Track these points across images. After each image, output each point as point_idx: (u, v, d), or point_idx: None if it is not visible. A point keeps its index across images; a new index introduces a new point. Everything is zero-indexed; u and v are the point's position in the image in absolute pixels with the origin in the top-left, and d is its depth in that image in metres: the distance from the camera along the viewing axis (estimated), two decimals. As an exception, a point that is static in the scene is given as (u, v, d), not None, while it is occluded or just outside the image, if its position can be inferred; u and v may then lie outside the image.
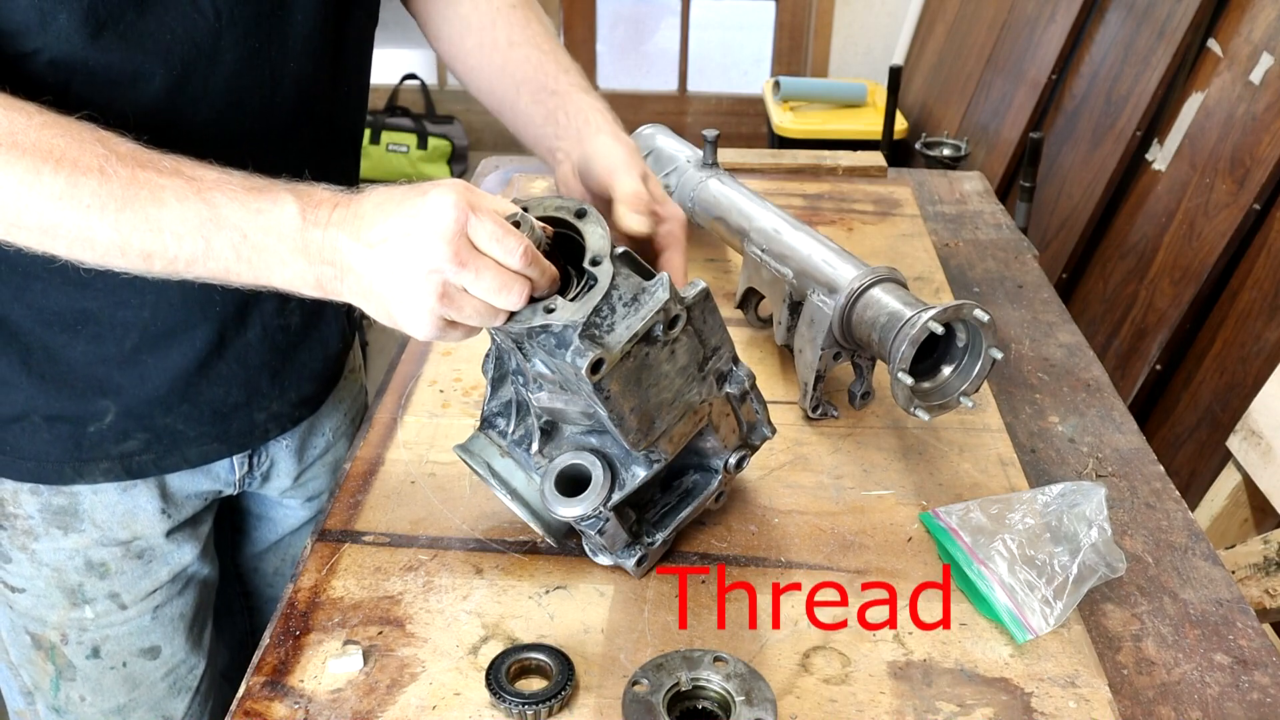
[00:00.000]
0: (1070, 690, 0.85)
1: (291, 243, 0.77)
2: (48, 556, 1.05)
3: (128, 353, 0.98)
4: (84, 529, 1.05)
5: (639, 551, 0.94)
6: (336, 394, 1.22)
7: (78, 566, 1.06)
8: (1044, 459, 1.18)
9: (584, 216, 0.83)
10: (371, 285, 0.78)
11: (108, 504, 1.05)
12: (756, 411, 0.98)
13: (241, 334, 1.03)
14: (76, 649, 1.09)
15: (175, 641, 1.14)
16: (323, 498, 1.24)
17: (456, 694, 0.84)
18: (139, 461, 1.04)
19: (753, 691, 0.82)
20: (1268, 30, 2.19)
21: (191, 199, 0.76)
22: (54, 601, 1.07)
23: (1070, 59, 2.87)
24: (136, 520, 1.06)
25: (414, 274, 0.76)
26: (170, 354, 1.00)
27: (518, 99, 1.11)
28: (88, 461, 1.01)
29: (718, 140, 1.42)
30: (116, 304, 0.95)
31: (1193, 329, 2.22)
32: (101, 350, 0.97)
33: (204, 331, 1.00)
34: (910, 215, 1.67)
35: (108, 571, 1.07)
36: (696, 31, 4.57)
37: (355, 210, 0.78)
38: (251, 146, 0.89)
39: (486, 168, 1.83)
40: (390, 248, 0.76)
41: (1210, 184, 2.22)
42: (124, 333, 0.97)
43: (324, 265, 0.78)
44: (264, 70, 0.92)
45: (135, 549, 1.08)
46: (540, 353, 0.83)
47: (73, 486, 1.03)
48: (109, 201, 0.75)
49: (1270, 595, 1.49)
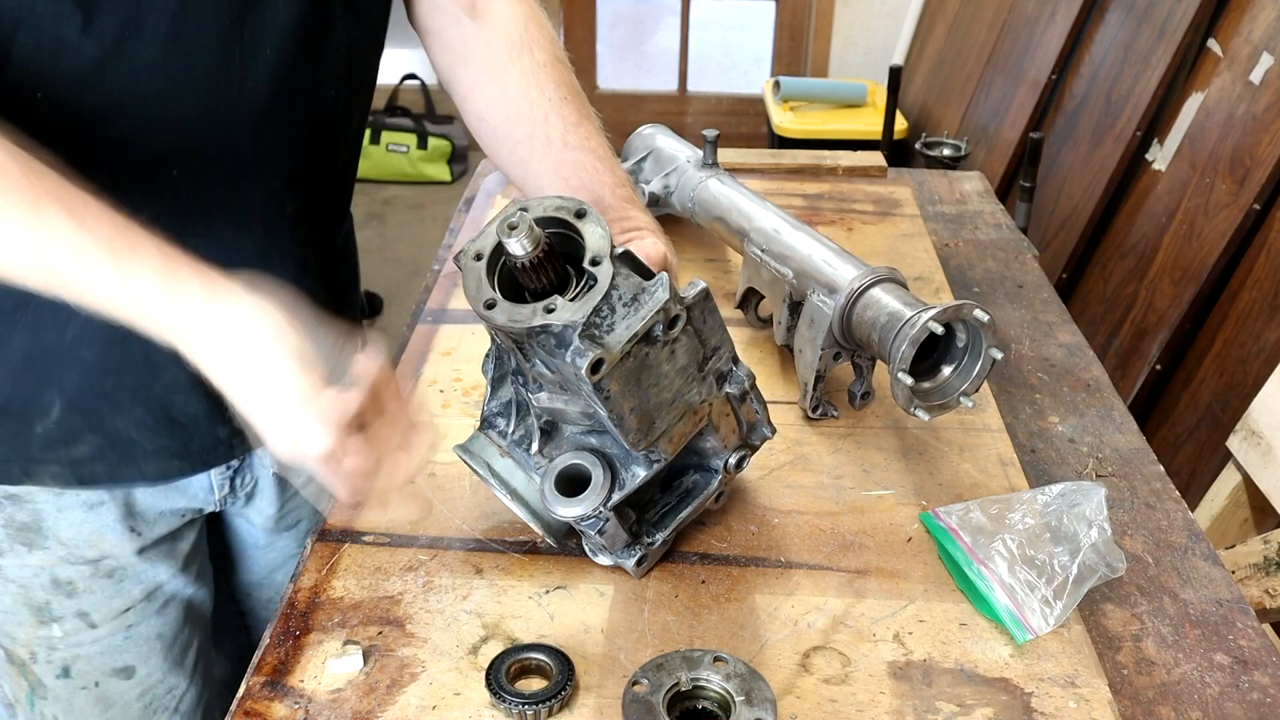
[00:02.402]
0: (1070, 690, 0.85)
1: (154, 317, 0.75)
2: (13, 573, 1.02)
3: (68, 344, 0.94)
4: (48, 546, 1.02)
5: (639, 551, 0.94)
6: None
7: (44, 584, 1.03)
8: (1044, 459, 1.18)
9: (584, 216, 0.83)
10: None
11: (73, 522, 1.02)
12: (756, 411, 0.98)
13: None
14: (46, 668, 1.07)
15: (151, 661, 1.11)
16: (304, 526, 1.21)
17: (456, 694, 0.84)
18: (91, 470, 1.00)
19: (753, 691, 0.82)
20: (1268, 30, 2.19)
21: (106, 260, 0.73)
22: (21, 619, 1.05)
23: (1070, 59, 2.87)
24: (104, 539, 1.03)
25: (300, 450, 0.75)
26: (113, 348, 0.95)
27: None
28: (37, 463, 0.98)
29: (718, 140, 1.42)
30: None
31: (1193, 329, 2.22)
32: (41, 340, 0.93)
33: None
34: (910, 215, 1.67)
35: (75, 590, 1.04)
36: (696, 31, 4.57)
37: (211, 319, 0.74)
38: (218, 131, 0.86)
39: (486, 167, 1.83)
40: (268, 418, 0.75)
41: (1210, 184, 2.22)
42: (65, 320, 0.92)
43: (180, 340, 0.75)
44: (234, 53, 0.88)
45: (104, 568, 1.05)
46: (540, 353, 0.83)
47: (35, 502, 1.00)
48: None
49: (1270, 595, 1.49)
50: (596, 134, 1.06)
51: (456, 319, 1.37)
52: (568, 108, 1.06)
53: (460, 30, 1.08)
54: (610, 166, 1.04)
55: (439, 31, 1.10)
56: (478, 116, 1.09)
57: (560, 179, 1.03)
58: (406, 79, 4.46)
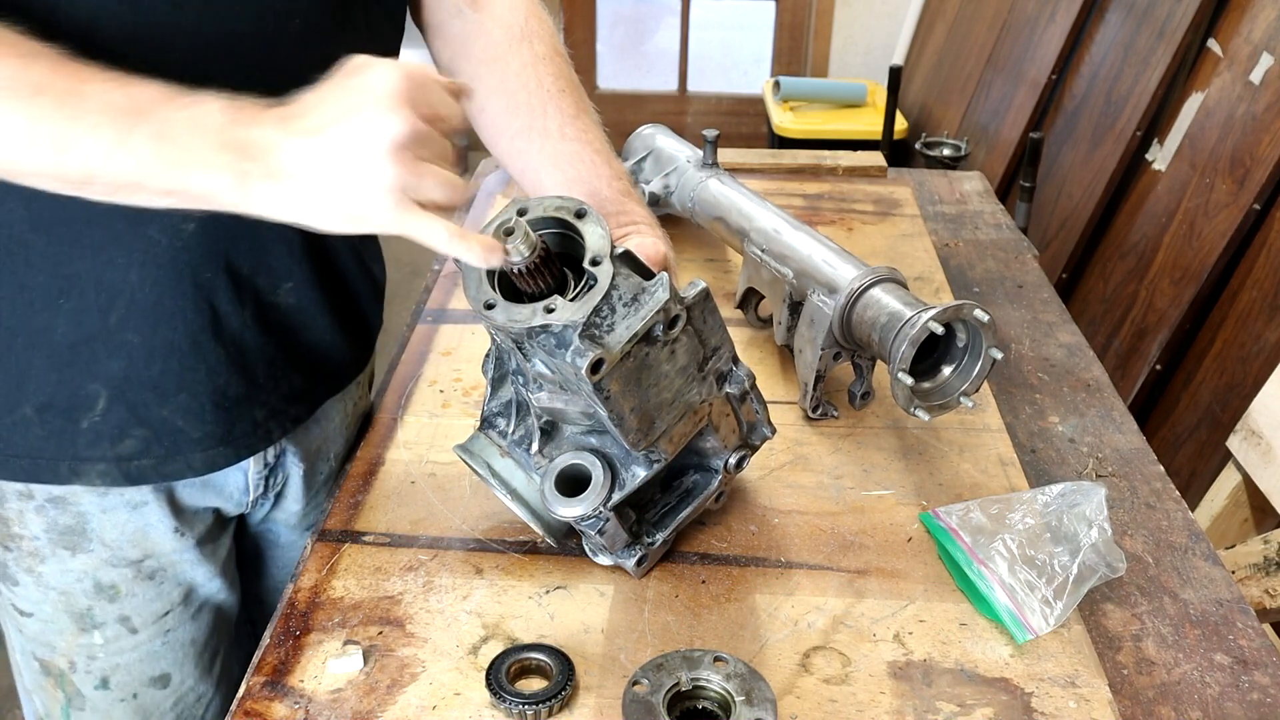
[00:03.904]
0: (1070, 690, 0.85)
1: (215, 138, 0.73)
2: (55, 579, 1.02)
3: (113, 327, 0.94)
4: (92, 549, 1.02)
5: (639, 551, 0.94)
6: (345, 417, 1.18)
7: (86, 589, 1.03)
8: (1044, 459, 1.18)
9: (584, 216, 0.83)
10: (315, 179, 0.74)
11: (117, 523, 1.02)
12: (756, 411, 0.98)
13: (237, 310, 0.99)
14: (85, 678, 1.07)
15: (185, 668, 1.11)
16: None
17: (456, 694, 0.84)
18: (139, 466, 1.00)
19: (753, 691, 0.82)
20: (1268, 30, 2.19)
21: (113, 90, 0.73)
22: (62, 627, 1.04)
23: (1070, 59, 2.87)
24: (148, 538, 1.03)
25: (366, 148, 0.72)
26: (159, 328, 0.95)
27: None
28: (84, 461, 0.98)
29: (718, 140, 1.42)
30: (104, 264, 0.92)
31: (1193, 329, 2.22)
32: (85, 326, 0.94)
33: (193, 303, 0.96)
34: (910, 215, 1.67)
35: (118, 594, 1.04)
36: (696, 31, 4.57)
37: (288, 110, 0.74)
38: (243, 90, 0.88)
39: (486, 167, 1.83)
40: (335, 130, 0.72)
41: (1210, 184, 2.22)
42: (109, 302, 0.93)
43: (249, 162, 0.74)
44: (267, 15, 0.88)
45: (146, 569, 1.05)
46: (540, 353, 0.83)
47: (79, 505, 1.00)
48: (24, 87, 0.72)
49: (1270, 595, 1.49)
50: (594, 127, 1.06)
51: (456, 319, 1.37)
52: (566, 100, 1.06)
53: (462, 22, 1.09)
54: (607, 159, 1.05)
55: (441, 25, 1.11)
56: (477, 108, 1.10)
57: (557, 170, 1.04)
58: (406, 79, 4.46)
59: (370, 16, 1.00)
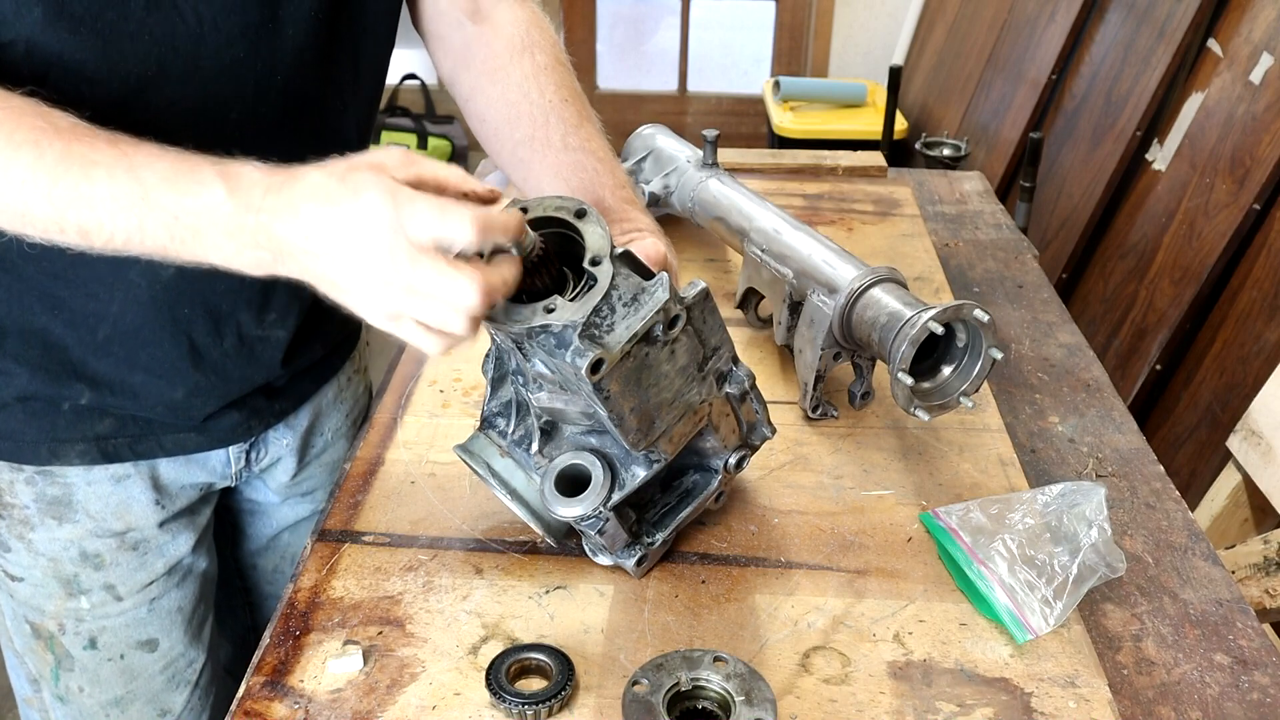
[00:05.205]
0: (1070, 690, 0.85)
1: (223, 227, 0.75)
2: (44, 546, 1.06)
3: (100, 341, 0.98)
4: (78, 519, 1.05)
5: (639, 551, 0.94)
6: (339, 394, 1.22)
7: (73, 557, 1.07)
8: (1044, 459, 1.18)
9: (584, 216, 0.83)
10: (322, 274, 0.75)
11: (101, 495, 1.05)
12: (756, 411, 0.98)
13: (215, 343, 1.02)
14: (74, 639, 1.10)
15: (173, 635, 1.14)
16: (318, 494, 1.24)
17: (456, 694, 0.84)
18: (114, 444, 1.04)
19: (753, 691, 0.82)
20: (1268, 30, 2.19)
21: (122, 176, 0.75)
22: (51, 591, 1.08)
23: (1070, 59, 2.87)
24: (130, 511, 1.07)
25: (363, 283, 0.73)
26: (140, 350, 0.99)
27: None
28: (63, 442, 1.02)
29: (718, 140, 1.42)
30: (87, 296, 0.95)
31: (1193, 329, 2.22)
32: (76, 335, 0.98)
33: (170, 336, 0.99)
34: (910, 215, 1.67)
35: (103, 563, 1.08)
36: (696, 31, 4.57)
37: (287, 199, 0.74)
38: (231, 151, 0.89)
39: (486, 167, 1.83)
40: (333, 255, 0.73)
41: (1210, 184, 2.22)
42: (96, 322, 0.97)
43: (259, 250, 0.75)
44: (247, 79, 0.91)
45: (130, 540, 1.08)
46: (540, 353, 0.83)
47: (66, 477, 1.04)
48: (42, 177, 0.75)
49: (1270, 595, 1.49)
50: (597, 135, 1.07)
51: (456, 319, 1.36)
52: (568, 109, 1.06)
53: (463, 34, 1.10)
54: (611, 168, 1.05)
55: (443, 36, 1.11)
56: (479, 118, 1.10)
57: (560, 180, 1.04)
58: (406, 79, 4.46)
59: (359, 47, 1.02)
